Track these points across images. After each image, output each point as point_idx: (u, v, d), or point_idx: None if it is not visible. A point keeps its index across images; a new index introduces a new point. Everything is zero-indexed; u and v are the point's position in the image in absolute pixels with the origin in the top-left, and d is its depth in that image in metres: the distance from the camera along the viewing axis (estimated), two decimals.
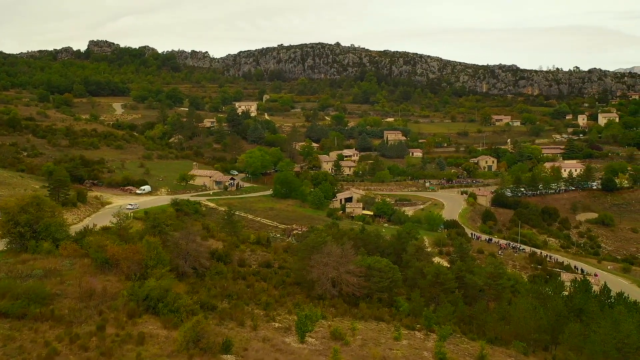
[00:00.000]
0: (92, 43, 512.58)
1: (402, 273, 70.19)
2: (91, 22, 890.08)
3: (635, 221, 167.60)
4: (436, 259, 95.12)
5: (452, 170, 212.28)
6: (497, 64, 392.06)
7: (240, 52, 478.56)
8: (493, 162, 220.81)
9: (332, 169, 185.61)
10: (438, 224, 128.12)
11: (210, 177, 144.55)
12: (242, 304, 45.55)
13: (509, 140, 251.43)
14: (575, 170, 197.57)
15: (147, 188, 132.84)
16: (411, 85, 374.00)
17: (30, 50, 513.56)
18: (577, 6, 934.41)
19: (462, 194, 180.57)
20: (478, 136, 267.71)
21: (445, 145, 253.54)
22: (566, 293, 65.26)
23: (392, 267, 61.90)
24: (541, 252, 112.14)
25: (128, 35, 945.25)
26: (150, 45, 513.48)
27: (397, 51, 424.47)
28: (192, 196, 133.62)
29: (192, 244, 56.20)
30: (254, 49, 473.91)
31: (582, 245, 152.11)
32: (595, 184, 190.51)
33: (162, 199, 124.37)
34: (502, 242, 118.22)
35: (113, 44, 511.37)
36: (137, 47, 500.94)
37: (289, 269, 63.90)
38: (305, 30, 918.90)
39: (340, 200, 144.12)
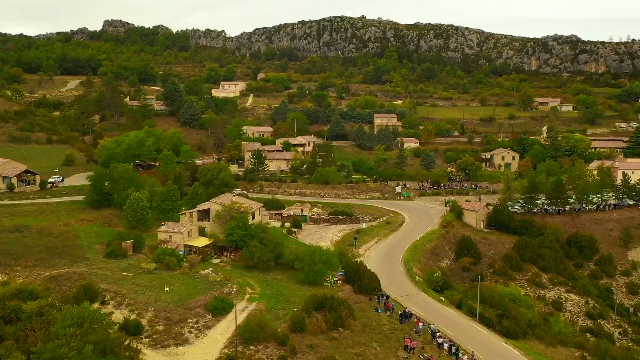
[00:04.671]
0: (107, 23, 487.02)
1: None
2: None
3: None
4: None
5: (449, 169, 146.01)
6: (552, 34, 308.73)
7: (256, 29, 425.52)
8: (513, 157, 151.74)
9: (251, 161, 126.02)
10: (323, 272, 66.09)
11: None
12: None
13: (544, 127, 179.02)
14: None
15: None
16: (440, 63, 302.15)
17: (48, 32, 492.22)
18: None
19: (445, 205, 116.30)
20: (509, 123, 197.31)
21: (457, 134, 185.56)
22: None
23: None
24: None
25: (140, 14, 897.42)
26: (165, 25, 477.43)
27: (428, 23, 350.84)
28: None
29: None
30: (270, 25, 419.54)
31: (631, 311, 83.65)
32: None
33: None
34: (418, 331, 53.98)
35: (128, 23, 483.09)
36: (151, 27, 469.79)
37: None
38: (330, 5, 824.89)
39: (191, 213, 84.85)
